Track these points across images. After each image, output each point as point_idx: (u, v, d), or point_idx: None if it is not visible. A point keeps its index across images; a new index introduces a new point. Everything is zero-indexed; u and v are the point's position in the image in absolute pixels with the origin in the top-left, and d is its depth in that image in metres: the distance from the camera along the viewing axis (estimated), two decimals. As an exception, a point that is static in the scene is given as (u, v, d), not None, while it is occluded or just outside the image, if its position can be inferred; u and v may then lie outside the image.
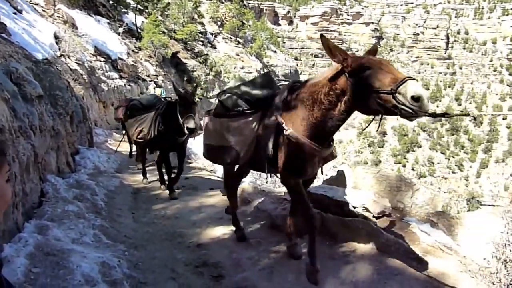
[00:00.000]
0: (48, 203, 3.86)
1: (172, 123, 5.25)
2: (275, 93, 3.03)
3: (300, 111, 2.73)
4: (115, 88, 14.77)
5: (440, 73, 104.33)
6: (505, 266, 3.32)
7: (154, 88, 13.06)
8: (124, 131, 8.41)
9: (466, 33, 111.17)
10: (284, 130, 2.71)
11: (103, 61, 14.88)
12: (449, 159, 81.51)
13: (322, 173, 3.29)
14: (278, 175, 3.15)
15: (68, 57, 11.59)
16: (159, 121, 5.55)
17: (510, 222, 4.21)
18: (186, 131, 5.00)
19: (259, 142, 2.96)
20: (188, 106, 5.05)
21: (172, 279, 3.10)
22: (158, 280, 3.06)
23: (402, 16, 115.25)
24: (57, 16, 14.41)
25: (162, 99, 6.32)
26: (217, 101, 3.53)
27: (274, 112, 2.86)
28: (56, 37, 11.81)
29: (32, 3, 13.44)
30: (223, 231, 4.08)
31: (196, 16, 35.86)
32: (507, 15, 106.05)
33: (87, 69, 12.43)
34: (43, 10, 13.92)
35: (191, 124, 4.92)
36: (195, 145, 8.08)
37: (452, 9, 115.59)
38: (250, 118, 3.05)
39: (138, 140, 6.02)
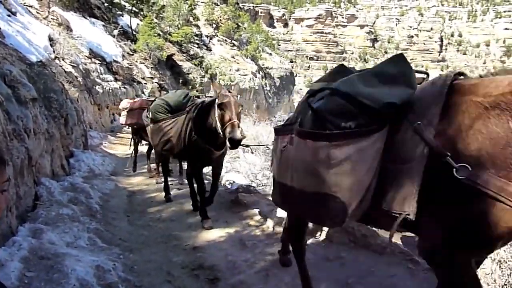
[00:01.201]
0: (42, 206, 3.83)
1: (208, 130, 4.00)
2: (418, 93, 1.71)
3: (489, 127, 1.44)
4: (110, 90, 14.72)
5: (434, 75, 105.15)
6: (500, 266, 3.34)
7: (159, 91, 11.41)
8: (134, 138, 7.53)
9: (460, 35, 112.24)
10: (455, 170, 1.43)
11: (98, 63, 14.83)
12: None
13: None
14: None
15: (63, 60, 11.53)
16: (191, 128, 4.22)
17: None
18: (228, 143, 3.65)
19: (386, 186, 1.67)
20: (231, 109, 3.71)
21: (167, 282, 3.09)
22: (153, 283, 3.04)
23: (396, 18, 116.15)
24: (51, 19, 14.35)
25: (197, 98, 4.94)
26: (302, 106, 2.20)
27: (422, 129, 1.57)
28: (50, 39, 11.75)
29: (27, 5, 13.38)
30: (219, 233, 4.07)
31: (191, 19, 35.86)
32: (500, 17, 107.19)
33: (81, 72, 12.38)
34: (37, 13, 13.86)
35: (236, 134, 3.56)
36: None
37: (445, 12, 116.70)
38: (369, 141, 1.68)
39: (164, 152, 4.86)
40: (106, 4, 23.43)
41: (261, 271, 3.13)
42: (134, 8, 25.55)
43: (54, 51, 11.45)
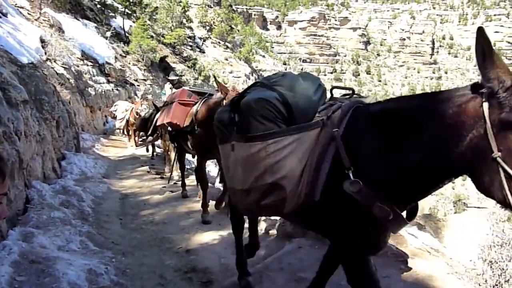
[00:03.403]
0: (33, 209, 3.79)
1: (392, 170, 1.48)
2: None
3: None
4: (103, 92, 14.63)
5: (426, 77, 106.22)
6: (491, 267, 3.38)
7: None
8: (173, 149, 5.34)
9: (451, 38, 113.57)
10: None
11: (90, 65, 14.73)
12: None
13: None
14: None
15: (55, 61, 11.43)
16: (338, 162, 1.55)
17: (495, 224, 4.30)
18: None
19: None
20: None
21: (160, 285, 3.07)
22: (146, 287, 3.02)
23: (388, 21, 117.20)
24: (43, 20, 14.22)
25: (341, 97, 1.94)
26: None
27: None
28: (42, 41, 11.63)
29: (18, 7, 13.24)
30: (212, 236, 4.06)
31: (184, 21, 35.81)
32: (490, 21, 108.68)
33: (74, 74, 12.28)
34: (28, 14, 13.72)
35: None
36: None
37: (437, 15, 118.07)
38: None
39: (264, 211, 2.19)
40: (98, 6, 23.33)
41: (254, 274, 3.13)
42: (127, 10, 25.42)
43: (45, 53, 11.33)
